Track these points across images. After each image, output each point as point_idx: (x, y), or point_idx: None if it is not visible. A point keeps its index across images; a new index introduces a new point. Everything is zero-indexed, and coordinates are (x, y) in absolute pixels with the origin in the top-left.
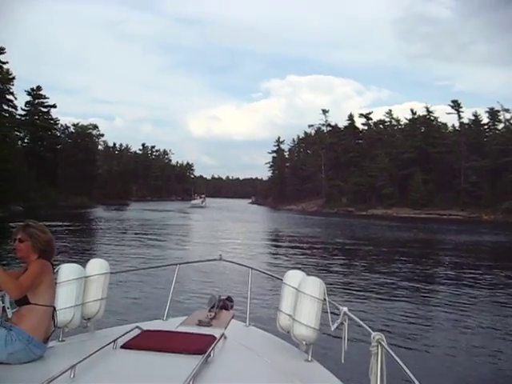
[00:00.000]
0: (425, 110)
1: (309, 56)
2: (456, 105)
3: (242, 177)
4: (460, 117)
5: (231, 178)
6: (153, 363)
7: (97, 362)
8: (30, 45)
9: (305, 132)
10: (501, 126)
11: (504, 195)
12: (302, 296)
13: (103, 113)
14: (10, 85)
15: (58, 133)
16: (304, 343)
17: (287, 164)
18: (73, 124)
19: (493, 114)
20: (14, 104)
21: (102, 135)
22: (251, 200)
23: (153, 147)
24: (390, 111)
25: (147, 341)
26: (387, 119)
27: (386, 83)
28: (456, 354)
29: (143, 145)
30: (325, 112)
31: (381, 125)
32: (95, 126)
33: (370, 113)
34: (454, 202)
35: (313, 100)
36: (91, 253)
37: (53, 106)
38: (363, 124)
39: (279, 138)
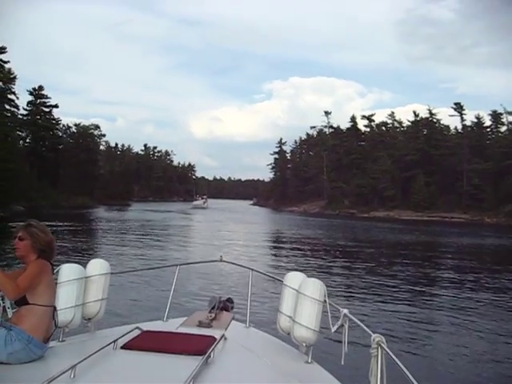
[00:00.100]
0: (427, 113)
1: (311, 58)
2: (459, 107)
3: (244, 178)
4: (463, 119)
5: (233, 180)
6: (153, 364)
7: (97, 363)
8: (32, 45)
9: (307, 133)
10: (504, 129)
11: (506, 198)
12: (303, 298)
13: (105, 113)
14: (12, 84)
15: (60, 133)
16: (304, 345)
17: (289, 165)
18: (74, 124)
19: (496, 117)
20: (16, 104)
21: (104, 135)
22: (253, 201)
23: (155, 148)
24: (393, 113)
25: (147, 341)
26: (389, 121)
27: (389, 85)
28: (457, 357)
29: (145, 145)
30: (327, 114)
31: (383, 127)
32: (97, 127)
33: (373, 115)
34: (457, 205)
35: (315, 102)
36: (92, 253)
37: (55, 106)
38: (365, 126)
39: (281, 140)
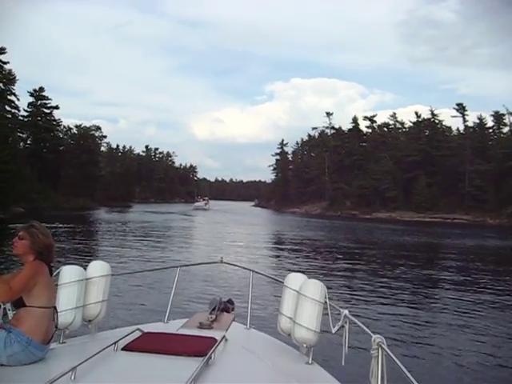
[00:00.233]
0: (429, 113)
1: (312, 59)
2: (461, 108)
3: (246, 179)
4: (465, 120)
5: (235, 181)
6: (153, 365)
7: (98, 364)
8: (34, 46)
9: (308, 135)
10: (506, 130)
11: (509, 199)
12: (303, 299)
13: (107, 115)
14: (12, 86)
15: (61, 134)
16: (305, 346)
17: (291, 167)
18: (75, 125)
19: (498, 118)
20: (17, 105)
21: (105, 137)
22: (254, 203)
23: (156, 149)
24: (394, 114)
25: (148, 343)
26: (391, 122)
27: (390, 86)
28: (458, 359)
29: (147, 147)
30: (329, 115)
31: (385, 128)
32: (98, 128)
33: (374, 116)
34: (459, 206)
35: (317, 103)
36: (92, 255)
37: (55, 108)
38: (367, 127)
39: (283, 141)
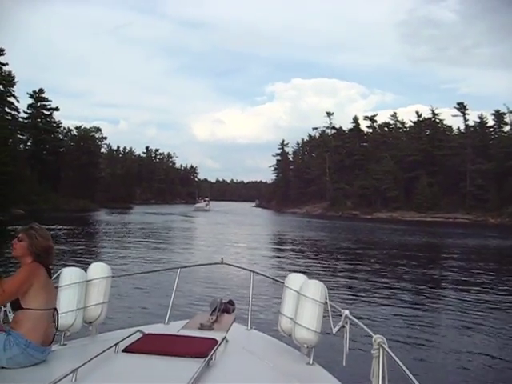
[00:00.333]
0: (430, 113)
1: (313, 59)
2: (462, 107)
3: (247, 180)
4: (466, 119)
5: (235, 182)
6: (154, 367)
7: (98, 366)
8: (34, 48)
9: (309, 135)
10: (507, 129)
11: (510, 198)
12: (304, 299)
13: (108, 116)
14: (12, 88)
15: (61, 136)
16: (306, 346)
17: (291, 167)
18: (75, 127)
19: (499, 117)
20: (17, 107)
21: (105, 138)
22: (255, 203)
23: (157, 150)
24: (395, 114)
25: (149, 344)
26: (392, 122)
27: (391, 86)
28: (460, 359)
29: (147, 148)
30: (329, 115)
31: (386, 127)
32: (98, 129)
33: (375, 115)
34: (460, 206)
35: (317, 103)
36: (93, 256)
37: (55, 109)
38: (368, 127)
39: (283, 141)
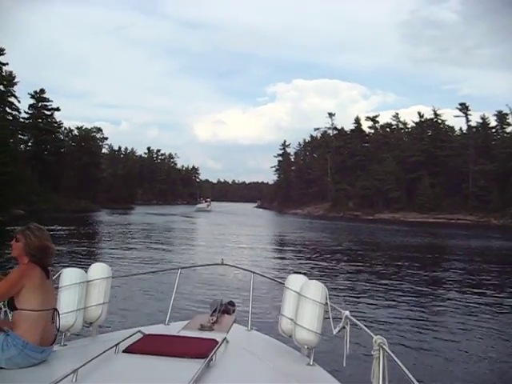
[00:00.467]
0: (432, 114)
1: (314, 60)
2: (464, 108)
3: (248, 181)
4: (468, 120)
5: (237, 182)
6: (155, 367)
7: (99, 367)
8: (35, 48)
9: (311, 135)
10: (509, 129)
11: None
12: (304, 300)
13: (109, 117)
14: (12, 87)
15: (62, 136)
16: (306, 347)
17: (293, 168)
18: (76, 127)
19: (501, 117)
20: (17, 107)
21: (106, 138)
22: (257, 204)
23: (158, 151)
24: (397, 114)
25: (149, 345)
26: (394, 122)
27: (392, 87)
28: (461, 361)
29: (148, 148)
30: (331, 115)
31: (387, 128)
32: (99, 129)
33: (377, 116)
34: (462, 207)
35: (319, 104)
36: (93, 257)
37: (56, 109)
38: (369, 127)
39: (285, 142)
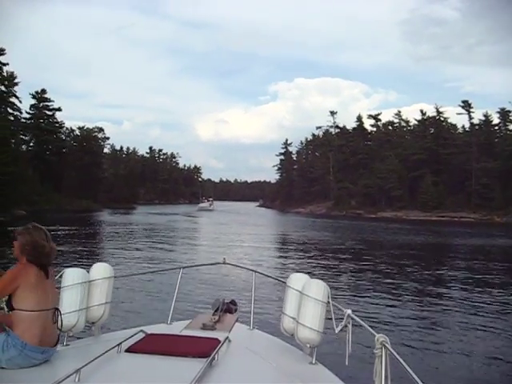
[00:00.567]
0: (434, 111)
1: (316, 59)
2: (466, 105)
3: (250, 180)
4: (471, 117)
5: (239, 181)
6: (157, 367)
7: (101, 366)
8: (36, 49)
9: (313, 134)
10: None
11: None
12: (306, 299)
13: (111, 117)
14: (13, 88)
15: (64, 136)
16: (308, 346)
17: (295, 166)
18: (78, 127)
19: (504, 115)
20: (19, 107)
21: (108, 138)
22: (259, 203)
23: (160, 150)
24: (399, 112)
25: (151, 344)
26: (396, 120)
27: (394, 85)
28: (464, 360)
29: (150, 148)
30: (333, 114)
31: (390, 126)
32: (100, 129)
33: (379, 114)
34: (465, 204)
35: (320, 102)
36: (95, 257)
37: (58, 110)
38: (372, 125)
39: (287, 141)
